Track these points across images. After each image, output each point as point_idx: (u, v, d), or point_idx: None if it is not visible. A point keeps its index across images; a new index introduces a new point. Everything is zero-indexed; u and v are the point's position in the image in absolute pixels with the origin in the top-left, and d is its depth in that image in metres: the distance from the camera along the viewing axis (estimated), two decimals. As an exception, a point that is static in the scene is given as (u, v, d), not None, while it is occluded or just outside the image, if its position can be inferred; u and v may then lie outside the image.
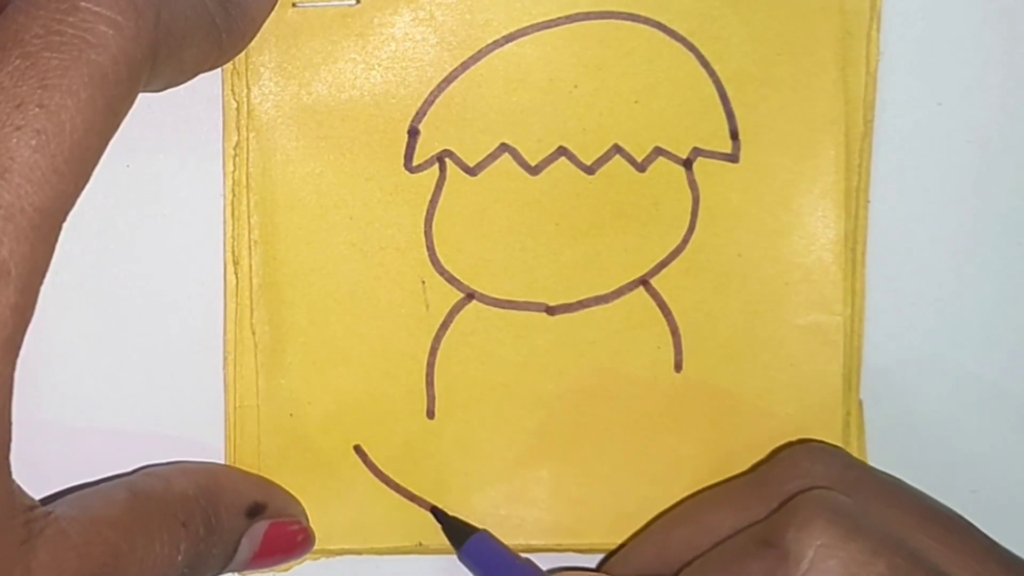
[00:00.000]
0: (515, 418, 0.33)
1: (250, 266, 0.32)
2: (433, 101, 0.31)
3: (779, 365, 0.33)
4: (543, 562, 0.34)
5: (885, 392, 0.33)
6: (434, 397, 0.33)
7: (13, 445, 0.24)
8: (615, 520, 0.33)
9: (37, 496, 0.26)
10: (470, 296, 0.32)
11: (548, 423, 0.33)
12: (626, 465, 0.33)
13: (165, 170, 0.31)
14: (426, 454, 0.33)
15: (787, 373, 0.33)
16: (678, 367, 0.33)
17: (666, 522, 0.32)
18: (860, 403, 0.33)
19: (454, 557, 0.33)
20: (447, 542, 0.33)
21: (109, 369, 0.32)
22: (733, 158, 0.32)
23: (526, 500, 0.33)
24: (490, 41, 0.31)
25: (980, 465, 0.31)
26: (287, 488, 0.32)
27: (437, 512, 0.33)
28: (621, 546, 0.33)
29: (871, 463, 0.33)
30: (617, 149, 0.32)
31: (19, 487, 0.25)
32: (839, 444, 0.33)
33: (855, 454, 0.33)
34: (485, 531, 0.32)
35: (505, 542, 0.33)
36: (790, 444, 0.33)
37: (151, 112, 0.30)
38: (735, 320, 0.33)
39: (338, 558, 0.33)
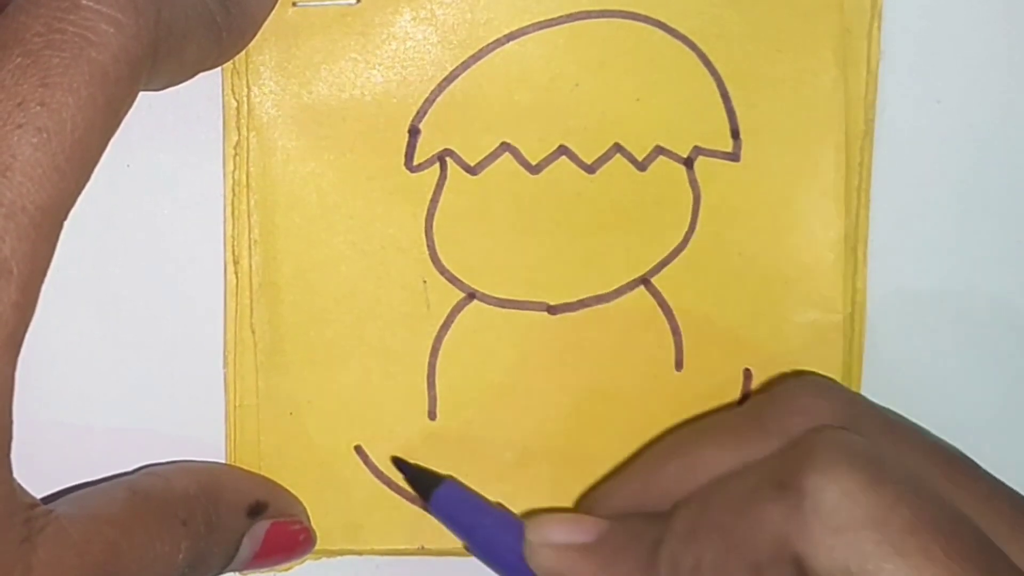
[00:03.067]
0: (516, 417, 0.33)
1: (250, 265, 0.31)
2: (434, 100, 0.31)
3: (779, 363, 0.33)
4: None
5: (886, 391, 0.33)
6: (435, 397, 0.33)
7: (13, 444, 0.24)
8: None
9: (37, 495, 0.26)
10: (471, 295, 0.32)
11: (549, 422, 0.33)
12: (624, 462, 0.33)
13: (165, 170, 0.31)
14: (427, 454, 0.33)
15: (788, 370, 0.33)
16: (678, 366, 0.33)
17: (652, 456, 0.31)
18: (860, 403, 0.33)
19: (456, 558, 0.33)
20: (451, 545, 0.33)
21: (109, 368, 0.32)
22: (734, 157, 0.32)
23: (527, 499, 0.33)
24: (491, 40, 0.31)
25: (980, 463, 0.31)
26: (287, 487, 0.32)
27: (399, 462, 0.32)
28: (600, 482, 0.32)
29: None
30: (618, 148, 0.32)
31: (20, 485, 0.25)
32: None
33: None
34: (451, 478, 0.32)
35: (505, 540, 0.33)
36: (784, 376, 0.32)
37: (151, 111, 0.30)
38: (735, 319, 0.33)
39: (338, 558, 0.33)
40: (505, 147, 0.32)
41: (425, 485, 0.31)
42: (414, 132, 0.31)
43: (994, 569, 0.24)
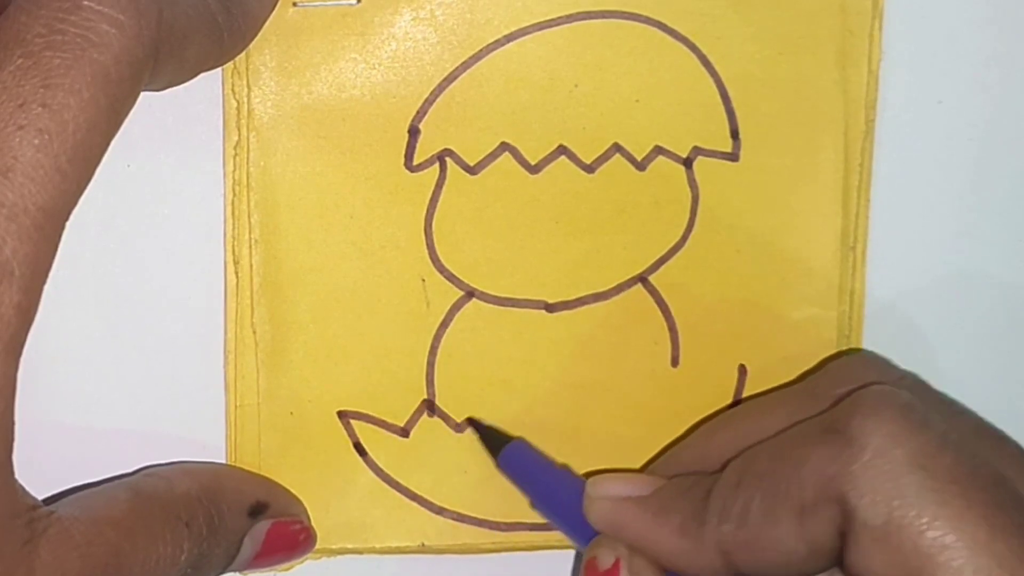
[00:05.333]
0: (515, 414, 0.33)
1: (251, 265, 0.31)
2: (434, 100, 0.31)
3: (774, 360, 0.33)
4: (543, 561, 0.34)
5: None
6: (434, 394, 0.33)
7: (15, 445, 0.24)
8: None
9: (39, 496, 0.25)
10: (470, 294, 0.32)
11: (547, 419, 0.33)
12: (624, 460, 0.33)
13: (165, 170, 0.31)
14: (427, 452, 0.33)
15: (781, 368, 0.33)
16: (675, 362, 0.33)
17: (709, 427, 0.32)
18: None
19: (456, 557, 0.33)
20: (449, 542, 0.33)
21: (110, 369, 0.32)
22: (733, 157, 0.32)
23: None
24: (491, 40, 0.31)
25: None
26: (288, 487, 0.32)
27: (473, 422, 0.33)
28: (659, 454, 0.33)
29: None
30: (617, 148, 0.32)
31: (21, 487, 0.25)
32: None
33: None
34: (521, 439, 0.32)
35: (505, 538, 0.33)
36: (837, 354, 0.33)
37: (152, 112, 0.30)
38: (732, 316, 0.33)
39: (339, 558, 0.33)
40: (504, 147, 0.32)
41: (495, 443, 0.32)
42: (414, 132, 0.32)
43: None
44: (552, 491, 0.31)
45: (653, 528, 0.28)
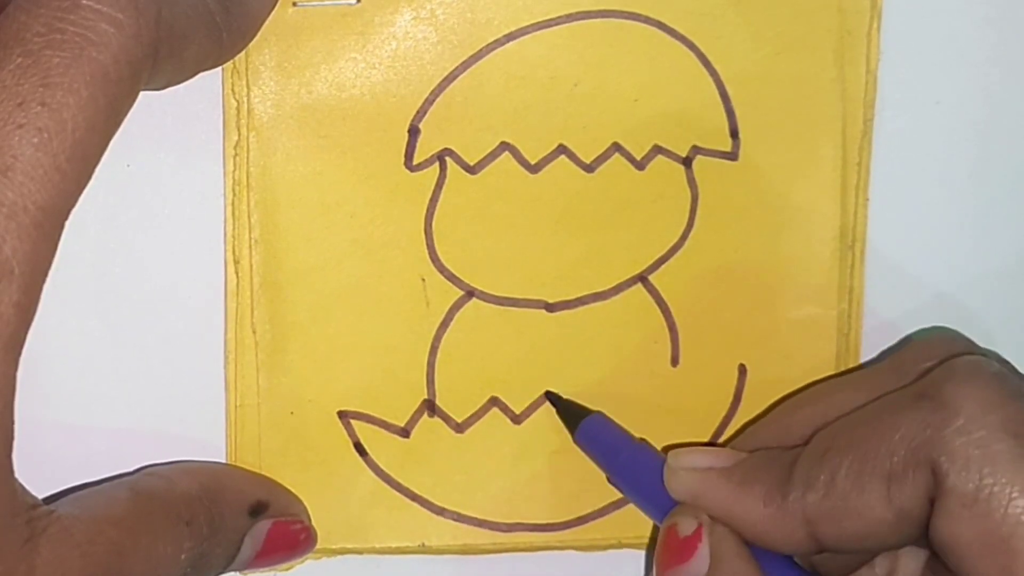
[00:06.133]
0: (515, 414, 0.33)
1: (251, 265, 0.31)
2: (434, 100, 0.31)
3: (773, 359, 0.33)
4: (543, 561, 0.34)
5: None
6: (435, 394, 0.33)
7: (15, 444, 0.24)
8: (615, 516, 0.33)
9: (39, 495, 0.25)
10: (470, 294, 0.32)
11: (547, 419, 0.33)
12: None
13: (165, 170, 0.31)
14: (427, 452, 0.33)
15: (781, 367, 0.33)
16: (674, 362, 0.33)
17: (788, 405, 0.31)
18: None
19: (456, 557, 0.33)
20: (449, 542, 0.33)
21: (110, 368, 0.32)
22: (732, 156, 0.32)
23: (526, 496, 0.33)
24: (491, 40, 0.31)
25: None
26: (288, 487, 0.32)
27: (551, 395, 0.33)
28: (741, 430, 0.33)
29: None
30: (617, 147, 0.32)
31: (21, 486, 0.25)
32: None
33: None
34: (600, 412, 0.32)
35: (505, 538, 0.33)
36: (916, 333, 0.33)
37: (151, 111, 0.30)
38: (731, 315, 0.33)
39: (339, 557, 0.33)
40: (504, 146, 0.32)
41: (573, 417, 0.32)
42: (414, 132, 0.32)
43: None
44: (630, 464, 0.31)
45: (737, 498, 0.28)
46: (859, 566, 0.29)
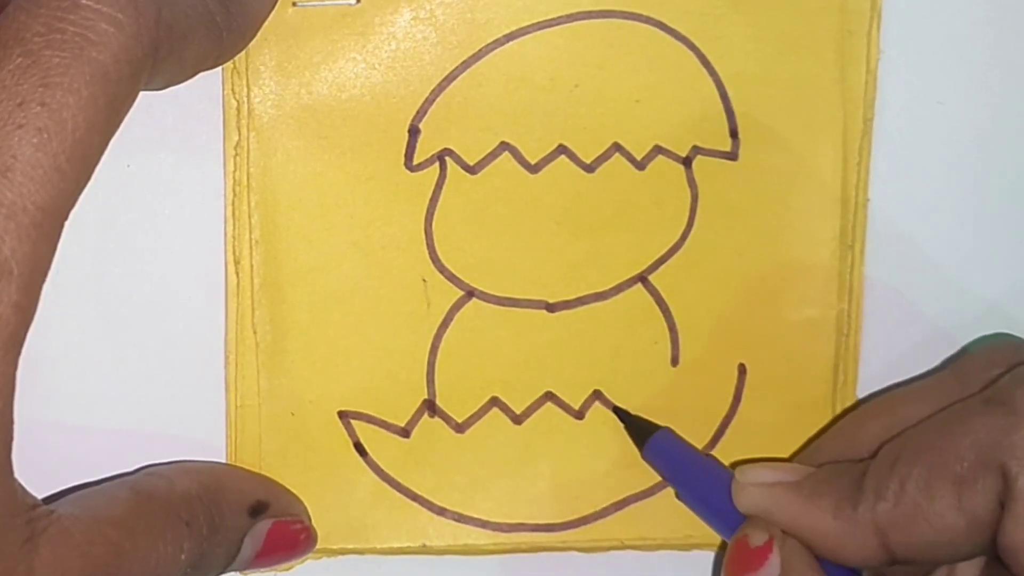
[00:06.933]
0: (516, 414, 0.33)
1: (251, 265, 0.32)
2: (434, 100, 0.31)
3: (773, 359, 0.33)
4: (544, 561, 0.34)
5: (881, 389, 0.34)
6: (435, 394, 0.33)
7: (15, 444, 0.24)
8: (617, 517, 0.33)
9: (39, 495, 0.25)
10: (470, 294, 0.32)
11: (548, 419, 0.33)
12: (625, 460, 0.33)
13: (165, 170, 0.31)
14: (428, 452, 0.33)
15: (781, 367, 0.33)
16: (674, 362, 0.33)
17: (853, 417, 0.31)
18: (857, 400, 0.33)
19: (457, 557, 0.33)
20: (450, 543, 0.33)
21: (110, 368, 0.32)
22: (732, 156, 0.32)
23: (527, 497, 0.33)
24: (491, 40, 0.31)
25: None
26: (288, 487, 0.32)
27: (619, 411, 0.33)
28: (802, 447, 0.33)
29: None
30: (617, 147, 0.32)
31: (21, 486, 0.25)
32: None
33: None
34: (667, 428, 0.32)
35: (506, 538, 0.33)
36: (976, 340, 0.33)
37: (151, 111, 0.30)
38: (731, 316, 0.33)
39: (339, 558, 0.33)
40: (504, 147, 0.32)
41: (642, 433, 0.32)
42: (414, 132, 0.32)
43: None
44: (698, 479, 0.31)
45: (806, 511, 0.28)
46: None
